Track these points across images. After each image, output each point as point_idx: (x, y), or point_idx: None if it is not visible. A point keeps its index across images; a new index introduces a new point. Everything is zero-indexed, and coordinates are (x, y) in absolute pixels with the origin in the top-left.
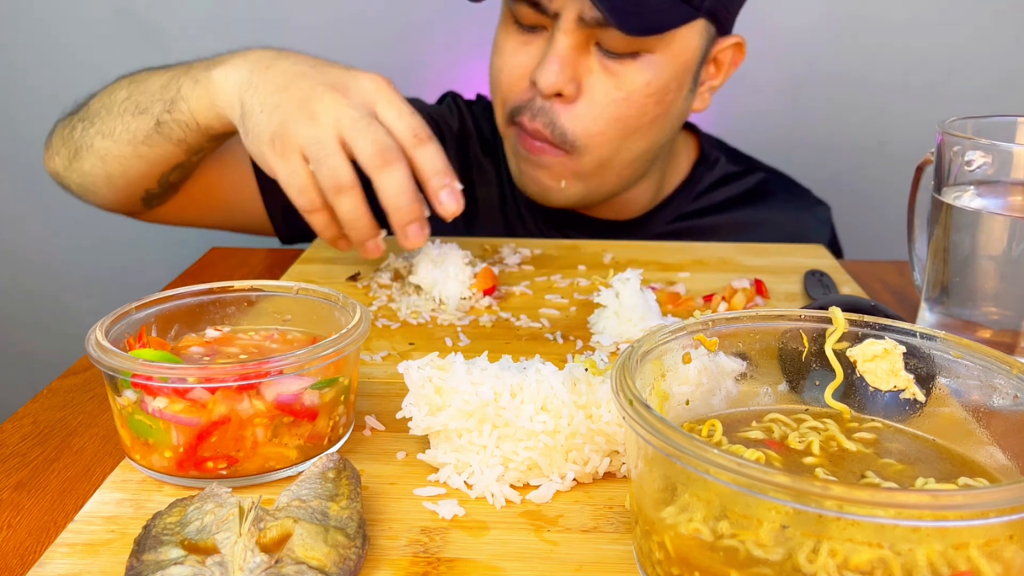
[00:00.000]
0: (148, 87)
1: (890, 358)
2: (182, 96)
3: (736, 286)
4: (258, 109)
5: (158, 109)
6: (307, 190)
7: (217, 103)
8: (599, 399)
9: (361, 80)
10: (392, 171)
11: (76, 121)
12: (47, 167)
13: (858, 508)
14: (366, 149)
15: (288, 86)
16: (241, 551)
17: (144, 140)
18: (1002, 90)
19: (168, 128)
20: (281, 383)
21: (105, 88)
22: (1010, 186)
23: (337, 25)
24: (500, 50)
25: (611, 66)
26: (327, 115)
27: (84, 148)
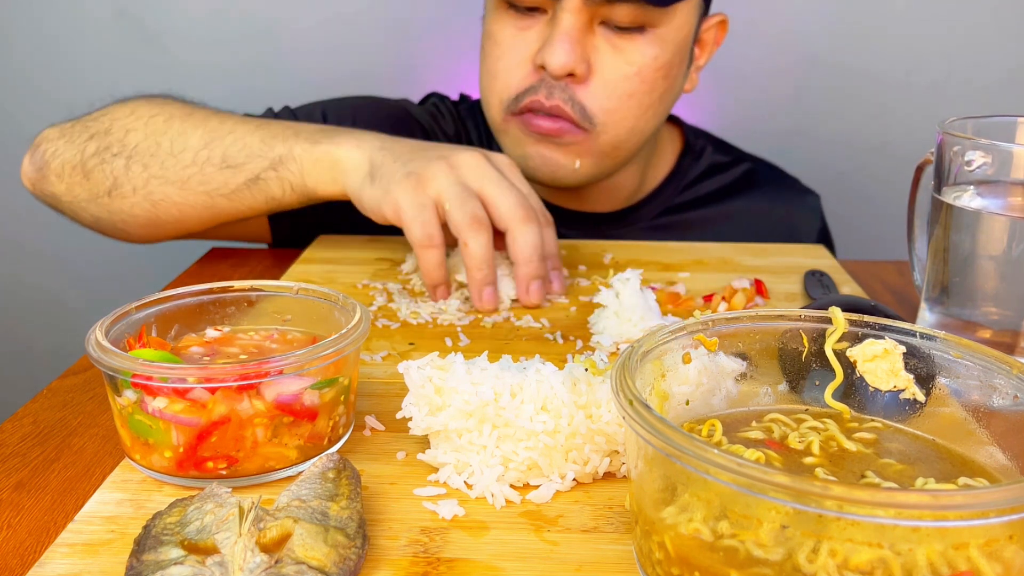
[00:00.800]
0: (239, 139)
1: (890, 358)
2: (294, 156)
3: (736, 286)
4: (392, 160)
5: (258, 166)
6: (432, 225)
7: (339, 168)
8: (599, 399)
9: (496, 155)
10: (530, 229)
11: (105, 152)
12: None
13: (858, 508)
14: (509, 203)
15: (426, 147)
16: (241, 551)
17: (228, 194)
18: (1003, 90)
19: (266, 185)
20: (281, 383)
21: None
22: (1010, 186)
23: (335, 25)
24: (495, 38)
25: (618, 43)
26: (469, 170)
27: (128, 188)
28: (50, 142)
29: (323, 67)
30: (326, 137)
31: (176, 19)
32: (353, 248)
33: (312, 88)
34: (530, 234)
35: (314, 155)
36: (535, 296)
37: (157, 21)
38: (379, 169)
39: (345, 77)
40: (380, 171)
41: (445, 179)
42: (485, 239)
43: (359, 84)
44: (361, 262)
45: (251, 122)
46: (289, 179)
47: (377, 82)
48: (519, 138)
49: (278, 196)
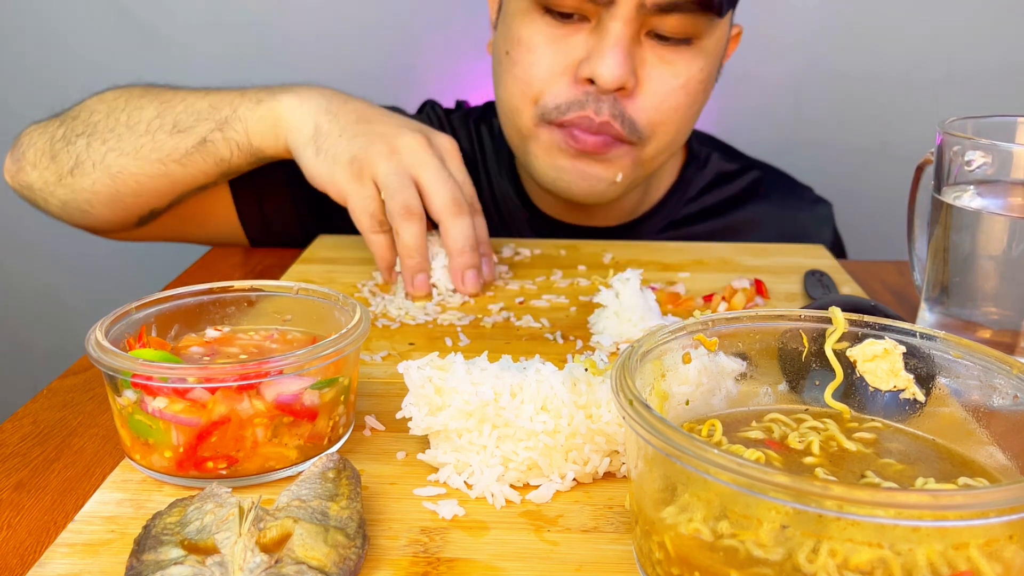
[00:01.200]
0: (190, 106)
1: (890, 358)
2: (238, 116)
3: (736, 286)
4: (337, 133)
5: (205, 128)
6: (376, 213)
7: (281, 125)
8: (599, 399)
9: (439, 137)
10: (463, 219)
11: (71, 134)
12: (13, 180)
13: (858, 508)
14: (442, 195)
15: (371, 120)
16: (241, 551)
17: (180, 159)
18: (1003, 89)
19: (214, 147)
20: (281, 383)
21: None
22: (1010, 186)
23: (335, 27)
24: (527, 44)
25: (666, 55)
26: (409, 155)
27: (88, 164)
28: (28, 135)
29: (323, 67)
30: (269, 95)
31: (176, 18)
32: (353, 248)
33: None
34: (462, 226)
35: (258, 113)
36: (470, 285)
37: (157, 20)
38: (324, 139)
39: (345, 78)
40: (324, 143)
41: (385, 165)
42: (417, 229)
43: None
44: (361, 262)
45: (204, 90)
46: (235, 139)
47: (377, 83)
48: (552, 147)
49: (227, 157)
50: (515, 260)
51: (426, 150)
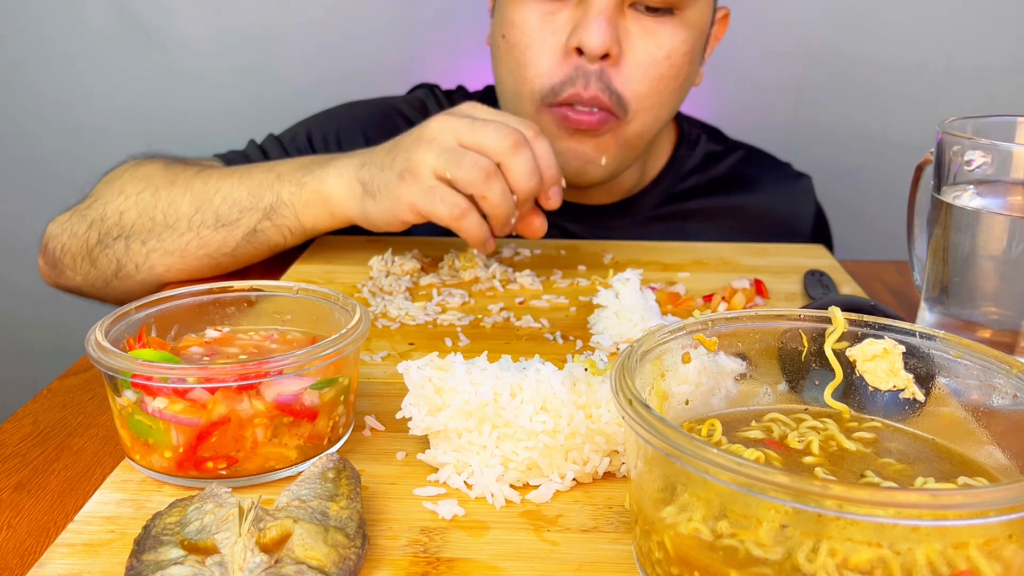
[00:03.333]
0: (227, 197)
1: (889, 358)
2: (284, 202)
3: (736, 286)
4: (378, 171)
5: (252, 219)
6: (451, 196)
7: (333, 202)
8: (599, 399)
9: (455, 108)
10: (523, 153)
11: (107, 238)
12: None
13: (857, 507)
14: (493, 140)
15: (398, 141)
16: (241, 551)
17: (231, 252)
18: (1004, 86)
19: (265, 236)
20: (281, 383)
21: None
22: (1010, 186)
23: (336, 25)
24: (519, 26)
25: (649, 25)
26: (442, 133)
27: (131, 266)
28: (56, 239)
29: (322, 65)
30: (309, 175)
31: (176, 19)
32: (353, 248)
33: (311, 86)
34: (523, 161)
35: (303, 197)
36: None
37: (157, 21)
38: (372, 184)
39: (346, 74)
40: (374, 185)
41: (431, 155)
42: (500, 187)
43: (360, 81)
44: (361, 262)
45: (232, 174)
46: (287, 224)
47: (377, 80)
48: (551, 132)
49: (280, 242)
50: (515, 260)
51: (452, 119)
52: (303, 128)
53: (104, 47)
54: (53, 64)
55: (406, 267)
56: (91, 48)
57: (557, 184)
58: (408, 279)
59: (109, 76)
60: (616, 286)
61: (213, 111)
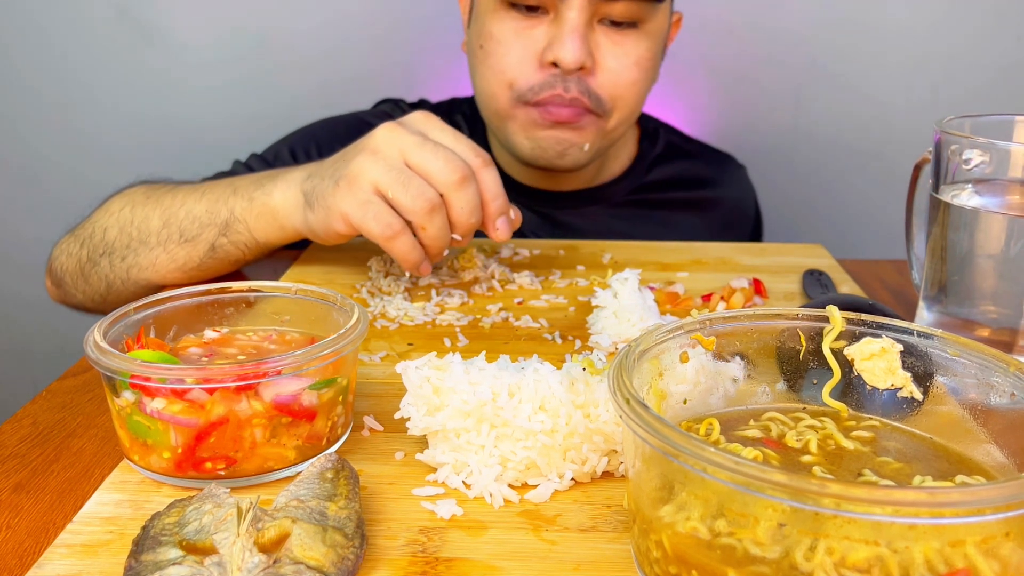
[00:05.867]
0: (190, 212)
1: (887, 356)
2: (237, 217)
3: (734, 286)
4: (319, 180)
5: (211, 235)
6: (386, 215)
7: (279, 215)
8: (597, 398)
9: (408, 117)
10: (467, 190)
11: (95, 255)
12: (61, 302)
13: (855, 506)
14: (440, 171)
15: (344, 153)
16: (239, 551)
17: (197, 266)
18: (1001, 88)
19: (224, 251)
20: (279, 383)
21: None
22: (1008, 184)
23: (334, 26)
24: (497, 37)
25: (616, 38)
26: (388, 146)
27: (118, 282)
28: (56, 260)
29: (322, 68)
30: (259, 189)
31: (176, 20)
32: (351, 249)
33: (311, 90)
34: (466, 198)
35: (254, 211)
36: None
37: (157, 22)
38: (312, 194)
39: (341, 77)
40: (314, 195)
41: (373, 167)
42: (441, 220)
43: (355, 85)
44: (359, 263)
45: (197, 190)
46: (242, 240)
47: (372, 82)
48: (529, 123)
49: (239, 257)
50: (514, 260)
51: (402, 133)
52: (285, 145)
53: (103, 51)
54: (52, 69)
55: None
56: (91, 52)
57: (504, 215)
58: (407, 279)
59: (109, 80)
60: (615, 286)
61: (213, 115)
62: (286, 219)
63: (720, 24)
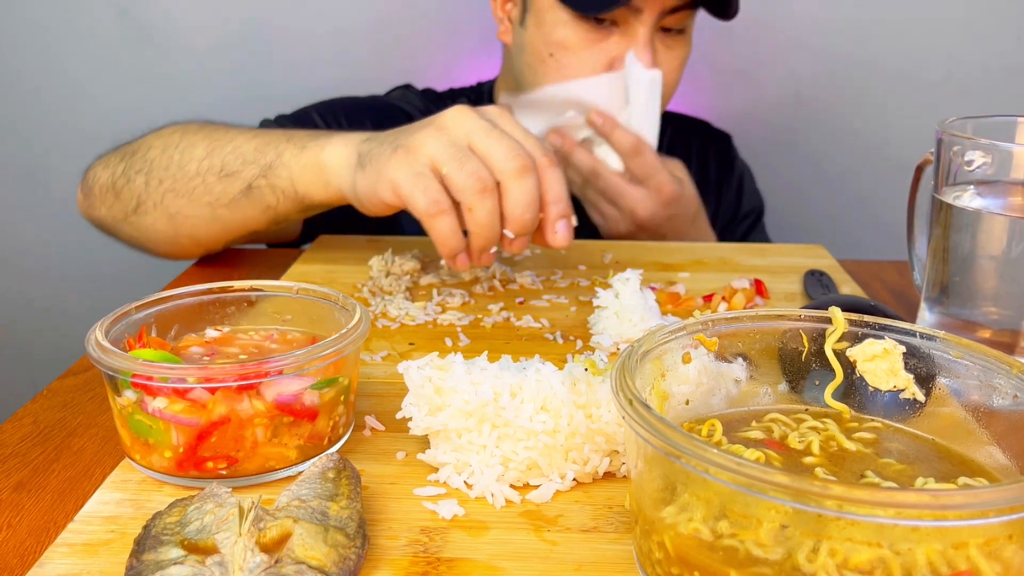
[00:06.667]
0: (237, 148)
1: (890, 358)
2: (283, 162)
3: (736, 286)
4: (378, 146)
5: (251, 173)
6: (435, 191)
7: (328, 171)
8: (599, 399)
9: (483, 107)
10: (526, 181)
11: (131, 171)
12: (86, 213)
13: (858, 508)
14: (501, 155)
15: (409, 127)
16: (241, 551)
17: (228, 204)
18: (1003, 88)
19: (259, 194)
20: (281, 383)
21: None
22: (1010, 186)
23: (336, 26)
24: (573, 50)
25: (669, 43)
26: (456, 125)
27: (149, 203)
28: (93, 170)
29: (322, 66)
30: (313, 140)
31: (176, 20)
32: (353, 248)
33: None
34: (523, 190)
35: (302, 160)
36: (517, 248)
37: (157, 23)
38: (367, 155)
39: (344, 77)
40: (368, 156)
41: (435, 142)
42: (492, 204)
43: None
44: (361, 262)
45: (252, 131)
46: (280, 186)
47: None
48: None
49: (272, 204)
50: (515, 260)
51: (473, 116)
52: (313, 110)
53: (104, 52)
54: (53, 69)
55: (406, 267)
56: (91, 53)
57: (565, 218)
58: (408, 279)
59: (109, 81)
60: (616, 286)
61: (214, 115)
62: (334, 175)
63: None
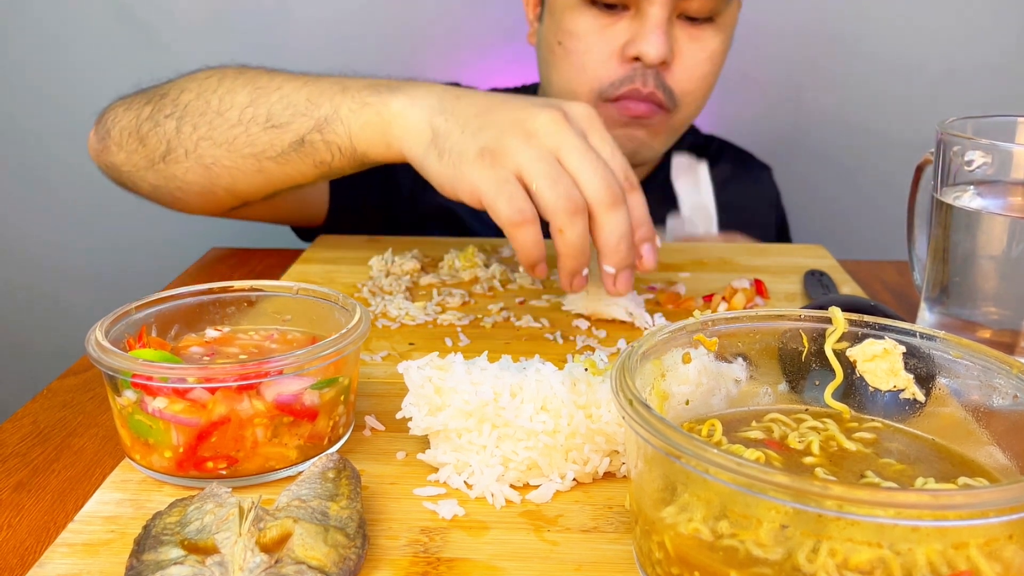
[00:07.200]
0: (285, 97)
1: (890, 358)
2: (340, 118)
3: (736, 286)
4: (458, 131)
5: (303, 126)
6: (521, 199)
7: (392, 132)
8: (599, 399)
9: (575, 106)
10: (620, 212)
11: (159, 114)
12: (99, 159)
13: (858, 508)
14: (594, 183)
15: (492, 108)
16: (241, 551)
17: (275, 157)
18: (1003, 88)
19: (312, 148)
20: (281, 383)
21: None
22: (1010, 186)
23: (337, 25)
24: (577, 34)
25: (694, 32)
26: (547, 136)
27: (180, 151)
28: (113, 111)
29: (323, 66)
30: (375, 94)
31: (176, 19)
32: (353, 248)
33: None
34: (620, 220)
35: (363, 117)
36: (622, 285)
37: (157, 20)
38: (444, 140)
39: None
40: (446, 143)
41: (525, 153)
42: (582, 227)
43: None
44: (361, 262)
45: (300, 78)
46: (337, 142)
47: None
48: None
49: (327, 160)
50: (515, 259)
51: (566, 128)
52: None
53: (105, 50)
54: (54, 67)
55: (406, 267)
56: (92, 51)
57: (650, 241)
58: (408, 279)
59: (110, 76)
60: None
61: None
62: (399, 140)
63: None
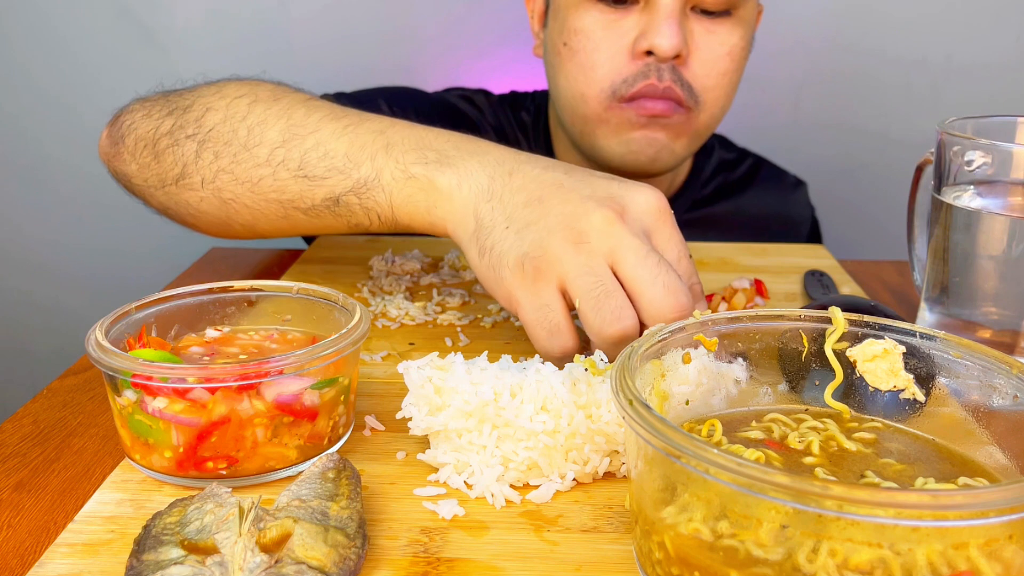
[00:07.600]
0: (322, 145)
1: (890, 358)
2: (382, 185)
3: (736, 286)
4: (502, 224)
5: (339, 186)
6: (562, 331)
7: (437, 212)
8: (599, 399)
9: (637, 196)
10: None
11: (179, 133)
12: (109, 162)
13: (858, 508)
14: (656, 303)
15: (544, 198)
16: (241, 551)
17: (306, 209)
18: (1004, 87)
19: (348, 210)
20: (281, 383)
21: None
22: (1010, 186)
23: (337, 26)
24: (585, 32)
25: (710, 26)
26: (601, 240)
27: (197, 178)
28: (130, 114)
29: (323, 66)
30: (422, 164)
31: (176, 19)
32: (353, 248)
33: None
34: None
35: (406, 190)
36: None
37: (157, 21)
38: (487, 236)
39: (345, 79)
40: (488, 239)
41: (570, 261)
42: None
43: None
44: (361, 262)
45: (341, 119)
46: (376, 209)
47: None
48: (623, 124)
49: (363, 223)
50: None
51: (624, 231)
52: (381, 96)
53: (105, 50)
54: (54, 64)
55: (406, 267)
56: (93, 51)
57: None
58: (408, 279)
59: (109, 76)
60: None
61: None
62: (443, 222)
63: None
